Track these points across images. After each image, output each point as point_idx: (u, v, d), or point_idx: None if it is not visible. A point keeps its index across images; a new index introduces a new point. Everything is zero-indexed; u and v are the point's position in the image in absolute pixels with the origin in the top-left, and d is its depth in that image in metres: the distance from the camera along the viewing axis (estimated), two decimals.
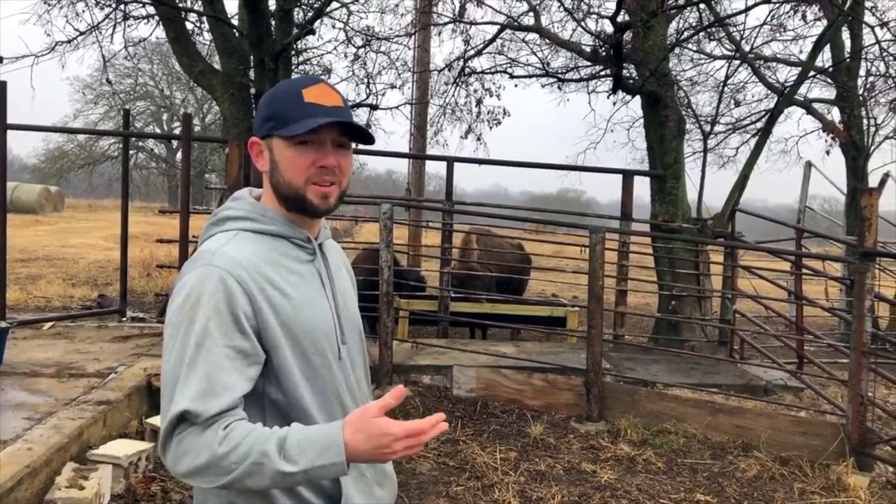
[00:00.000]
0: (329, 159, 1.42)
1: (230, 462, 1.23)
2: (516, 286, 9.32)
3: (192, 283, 1.34)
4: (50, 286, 10.59)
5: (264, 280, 1.37)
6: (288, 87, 1.45)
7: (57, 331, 6.69)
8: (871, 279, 4.92)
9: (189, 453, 1.25)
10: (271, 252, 1.42)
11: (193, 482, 1.29)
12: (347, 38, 10.28)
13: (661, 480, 4.47)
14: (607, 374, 5.97)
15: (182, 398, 1.26)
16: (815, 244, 10.16)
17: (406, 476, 4.32)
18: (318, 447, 1.24)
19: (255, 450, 1.24)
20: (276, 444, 1.24)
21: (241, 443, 1.24)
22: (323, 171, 1.43)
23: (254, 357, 1.34)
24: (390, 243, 6.10)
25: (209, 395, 1.27)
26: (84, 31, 9.26)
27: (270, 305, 1.36)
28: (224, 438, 1.25)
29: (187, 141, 7.30)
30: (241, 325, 1.32)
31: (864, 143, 10.84)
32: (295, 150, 1.41)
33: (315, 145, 1.42)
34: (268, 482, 1.25)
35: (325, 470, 1.25)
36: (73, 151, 33.41)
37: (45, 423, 4.02)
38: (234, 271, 1.34)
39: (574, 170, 10.03)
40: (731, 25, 9.87)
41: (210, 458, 1.24)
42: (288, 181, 1.43)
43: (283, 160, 1.43)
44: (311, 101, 1.41)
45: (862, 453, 4.77)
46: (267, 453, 1.23)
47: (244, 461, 1.23)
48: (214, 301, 1.31)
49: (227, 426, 1.27)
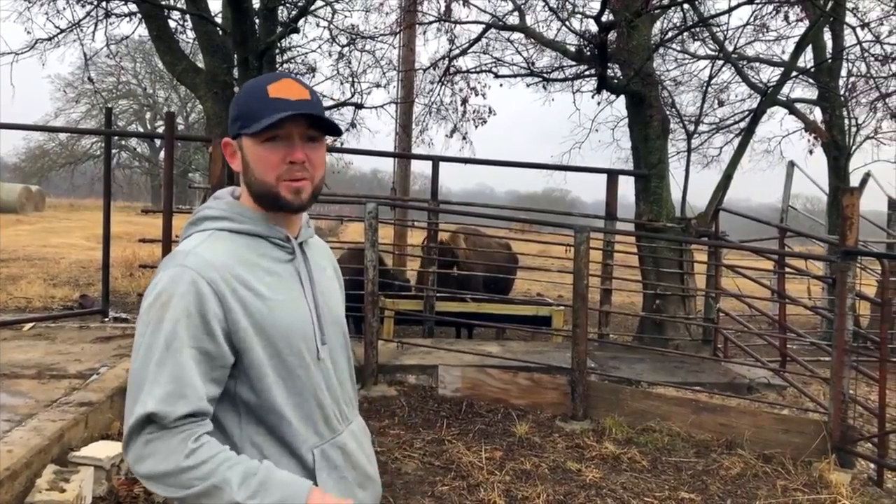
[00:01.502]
0: (297, 154, 1.41)
1: (191, 477, 1.24)
2: (503, 286, 9.33)
3: (163, 284, 1.34)
4: (31, 286, 10.47)
5: (237, 281, 1.36)
6: (254, 84, 1.44)
7: (38, 332, 6.61)
8: (852, 278, 4.97)
9: (154, 456, 1.25)
10: (247, 252, 1.41)
11: (151, 486, 1.28)
12: (332, 37, 10.25)
13: (645, 479, 4.49)
14: (592, 372, 5.99)
15: (149, 399, 1.26)
16: (798, 243, 10.26)
17: (391, 476, 4.31)
18: (281, 493, 1.26)
19: (218, 473, 1.24)
20: (240, 474, 1.25)
21: (206, 461, 1.25)
22: (293, 166, 1.41)
23: (220, 360, 1.33)
24: (375, 243, 6.08)
25: (176, 397, 1.26)
26: (65, 29, 9.18)
27: (242, 306, 1.35)
28: (192, 452, 1.25)
29: (170, 140, 7.23)
30: (209, 328, 1.32)
31: (845, 143, 10.96)
32: (263, 147, 1.40)
33: (283, 141, 1.40)
34: None
35: None
36: (54, 150, 33.12)
37: (26, 425, 3.96)
38: (205, 273, 1.34)
39: (559, 169, 10.05)
40: (715, 26, 9.93)
41: (174, 467, 1.24)
42: (260, 179, 1.42)
43: (253, 158, 1.42)
44: (277, 97, 1.39)
45: (844, 450, 4.81)
46: (229, 481, 1.24)
47: (205, 480, 1.23)
48: (184, 303, 1.31)
49: (197, 438, 1.27)
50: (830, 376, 5.04)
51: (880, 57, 10.26)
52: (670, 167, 8.62)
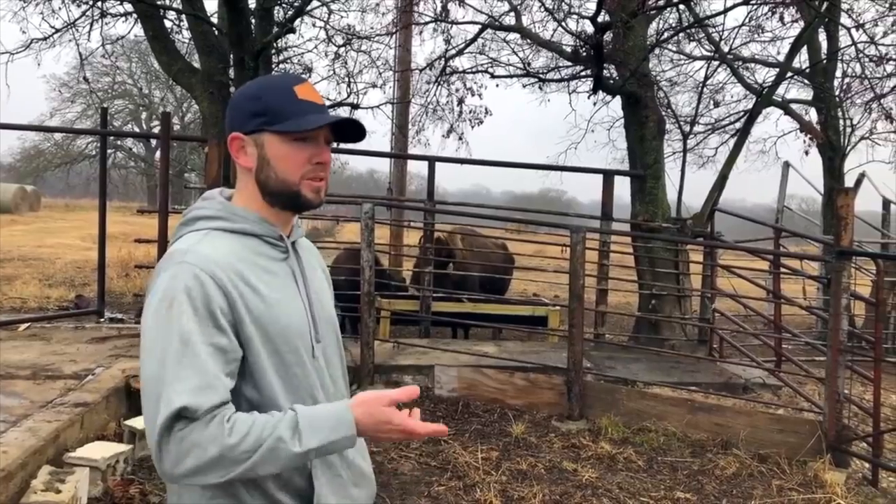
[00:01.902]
0: (325, 155, 1.46)
1: (241, 451, 1.24)
2: (500, 286, 9.33)
3: (166, 283, 1.33)
4: (26, 287, 10.43)
5: (237, 277, 1.36)
6: (276, 83, 1.45)
7: (33, 332, 6.59)
8: (847, 278, 4.98)
9: (195, 449, 1.23)
10: (244, 250, 1.42)
11: (197, 481, 1.26)
12: (328, 37, 10.25)
13: (641, 478, 4.50)
14: (588, 372, 5.99)
15: (176, 395, 1.23)
16: (793, 243, 10.26)
17: (388, 476, 4.31)
18: (330, 424, 1.30)
19: (266, 436, 1.25)
20: (287, 428, 1.27)
21: (249, 432, 1.25)
22: (318, 167, 1.46)
23: (232, 353, 1.33)
24: (372, 243, 6.08)
25: (205, 389, 1.25)
26: (60, 29, 9.15)
27: (244, 302, 1.35)
28: (231, 430, 1.25)
29: (166, 140, 7.23)
30: (218, 322, 1.31)
31: (840, 144, 10.98)
32: (292, 146, 1.43)
33: (312, 142, 1.45)
34: (281, 466, 1.28)
35: (336, 445, 1.31)
36: (49, 150, 32.97)
37: (21, 426, 3.96)
38: (207, 267, 1.33)
39: (555, 170, 10.06)
40: (711, 26, 9.94)
41: (220, 449, 1.23)
42: (282, 178, 1.44)
43: (279, 156, 1.43)
44: (304, 99, 1.43)
45: (838, 450, 4.83)
46: (282, 437, 1.26)
47: (257, 448, 1.24)
48: (191, 299, 1.30)
49: (229, 418, 1.27)
50: (825, 376, 5.06)
51: (875, 58, 10.29)
52: (666, 167, 8.65)
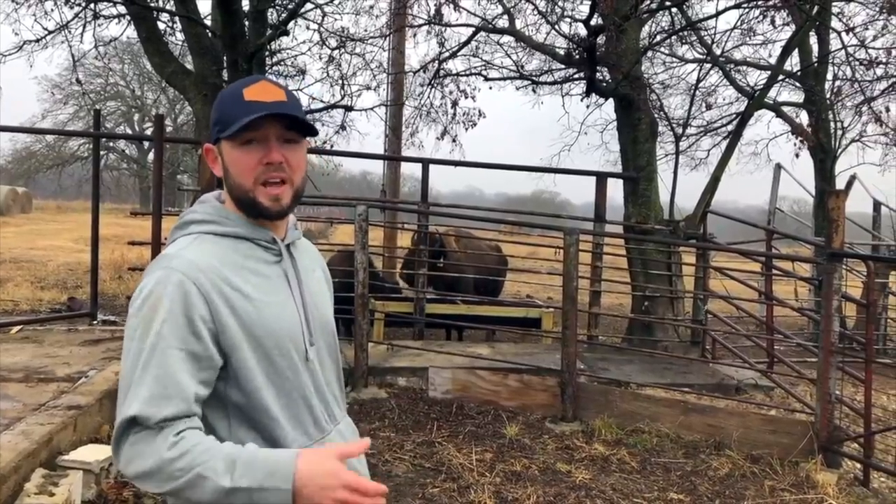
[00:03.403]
0: (273, 155, 1.41)
1: (175, 468, 1.23)
2: (493, 287, 9.34)
3: (150, 287, 1.34)
4: (18, 289, 10.39)
5: (224, 282, 1.37)
6: (231, 89, 1.46)
7: (25, 334, 6.56)
8: (838, 279, 5.01)
9: (139, 456, 1.26)
10: (233, 254, 1.42)
11: (142, 486, 1.29)
12: (322, 40, 10.25)
13: (634, 480, 4.51)
14: (582, 374, 6.01)
15: (134, 402, 1.26)
16: (785, 245, 10.33)
17: (381, 478, 4.31)
18: (267, 469, 1.23)
19: (201, 461, 1.23)
20: (224, 460, 1.23)
21: (189, 450, 1.24)
22: (270, 167, 1.41)
23: (207, 361, 1.33)
24: (365, 245, 6.09)
25: (161, 399, 1.27)
26: (53, 30, 9.12)
27: (230, 307, 1.36)
28: (174, 445, 1.24)
29: (159, 142, 7.21)
30: (195, 329, 1.32)
31: (831, 146, 11.04)
32: (240, 150, 1.41)
33: (260, 143, 1.41)
34: (209, 497, 1.22)
35: (268, 494, 1.21)
36: (41, 152, 32.84)
37: (14, 429, 3.94)
38: (191, 274, 1.34)
39: (548, 171, 10.09)
40: (703, 29, 9.99)
41: (157, 462, 1.24)
42: (238, 184, 1.43)
43: (231, 162, 1.43)
44: (251, 100, 1.40)
45: (830, 451, 4.86)
46: (214, 468, 1.22)
47: (190, 470, 1.22)
48: (170, 304, 1.31)
49: (179, 432, 1.26)
50: (817, 377, 5.09)
51: (865, 61, 10.37)
52: (659, 169, 8.67)
